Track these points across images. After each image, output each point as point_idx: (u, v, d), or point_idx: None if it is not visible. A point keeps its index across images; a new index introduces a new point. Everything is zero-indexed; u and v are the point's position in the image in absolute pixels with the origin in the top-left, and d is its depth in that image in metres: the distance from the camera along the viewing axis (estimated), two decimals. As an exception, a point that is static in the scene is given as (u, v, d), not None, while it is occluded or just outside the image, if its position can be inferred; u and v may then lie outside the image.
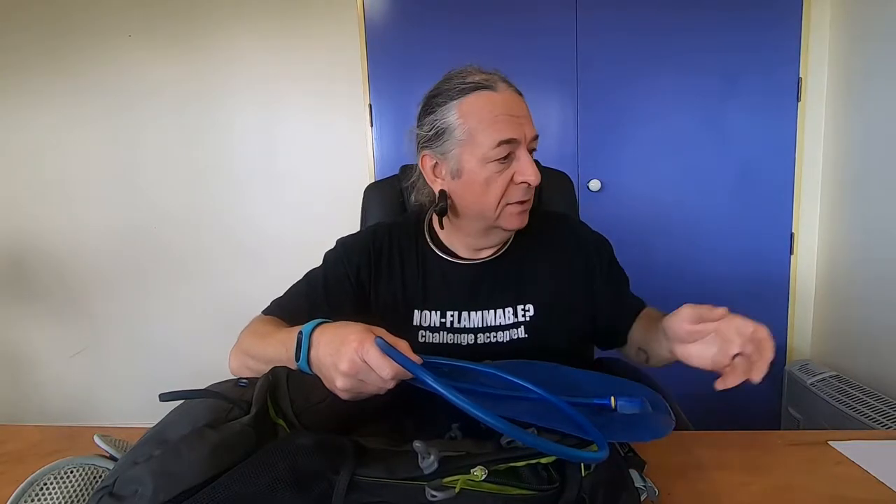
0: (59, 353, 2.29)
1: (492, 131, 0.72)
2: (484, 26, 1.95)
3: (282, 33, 2.05)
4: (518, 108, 0.74)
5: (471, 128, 0.73)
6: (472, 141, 0.73)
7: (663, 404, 0.59)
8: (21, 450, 0.74)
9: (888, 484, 0.59)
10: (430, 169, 0.80)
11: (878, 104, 1.66)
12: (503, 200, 0.75)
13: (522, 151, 0.73)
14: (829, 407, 1.58)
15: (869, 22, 1.70)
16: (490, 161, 0.73)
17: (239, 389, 0.53)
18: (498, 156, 0.72)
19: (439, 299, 0.81)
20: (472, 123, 0.73)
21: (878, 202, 1.66)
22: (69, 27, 2.09)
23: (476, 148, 0.73)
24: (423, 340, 0.80)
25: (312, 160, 2.12)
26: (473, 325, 0.80)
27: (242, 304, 2.17)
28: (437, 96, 0.77)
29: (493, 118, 0.72)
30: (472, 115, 0.73)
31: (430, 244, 0.85)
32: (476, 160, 0.73)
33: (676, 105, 1.94)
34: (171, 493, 0.41)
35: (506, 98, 0.74)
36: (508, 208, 0.76)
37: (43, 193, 2.21)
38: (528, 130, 0.73)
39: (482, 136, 0.72)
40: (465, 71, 0.77)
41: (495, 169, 0.73)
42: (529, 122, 0.74)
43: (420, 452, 0.43)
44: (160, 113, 2.12)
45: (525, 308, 0.80)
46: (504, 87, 0.75)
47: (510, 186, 0.74)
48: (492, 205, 0.75)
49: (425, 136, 0.78)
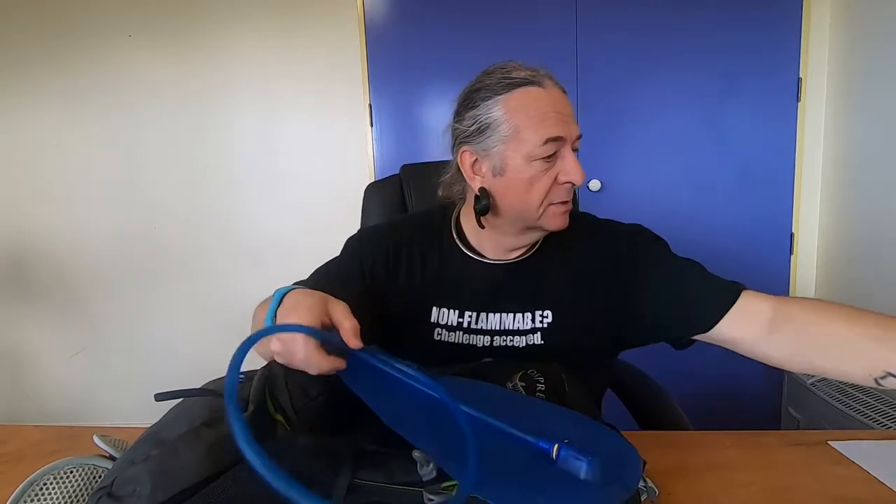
0: (59, 353, 2.29)
1: (539, 128, 0.69)
2: (484, 26, 1.95)
3: (282, 33, 2.05)
4: (564, 105, 0.72)
5: (517, 124, 0.70)
6: (518, 137, 0.70)
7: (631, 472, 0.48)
8: (21, 450, 0.73)
9: (888, 484, 0.59)
10: (469, 165, 0.77)
11: (878, 104, 1.66)
12: (546, 200, 0.72)
13: (568, 150, 0.71)
14: (829, 407, 1.58)
15: (869, 22, 1.70)
16: (535, 159, 0.70)
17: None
18: (544, 154, 0.70)
19: (459, 298, 0.79)
20: (518, 119, 0.70)
21: (878, 202, 1.66)
22: (69, 27, 2.09)
23: (521, 145, 0.70)
24: (438, 338, 0.78)
25: (312, 160, 2.12)
26: (491, 328, 0.78)
27: (242, 304, 2.17)
28: (479, 90, 0.75)
29: (541, 115, 0.70)
30: (519, 111, 0.70)
31: (456, 241, 0.82)
32: (521, 157, 0.71)
33: (676, 105, 1.94)
34: (168, 492, 0.41)
35: (553, 95, 0.72)
36: (551, 208, 0.73)
37: (43, 193, 2.21)
38: (573, 129, 0.72)
39: (529, 132, 0.70)
40: (508, 66, 0.74)
41: (540, 167, 0.71)
42: (574, 121, 0.73)
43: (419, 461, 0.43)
44: (160, 113, 2.13)
45: (543, 314, 0.78)
46: (551, 83, 0.73)
47: (554, 186, 0.72)
48: (535, 204, 0.72)
49: (465, 131, 0.75)
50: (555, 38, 1.94)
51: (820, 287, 1.96)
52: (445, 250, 0.82)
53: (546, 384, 0.62)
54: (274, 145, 2.12)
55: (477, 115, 0.74)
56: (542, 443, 0.47)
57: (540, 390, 0.61)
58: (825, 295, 1.93)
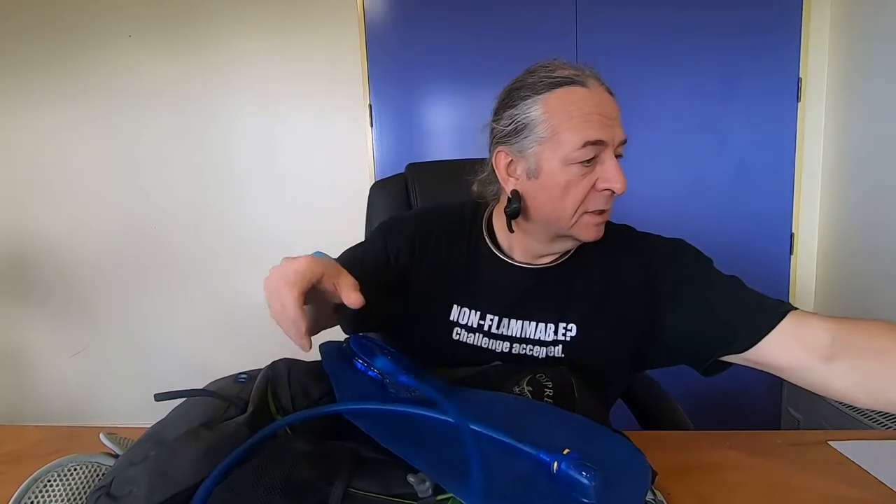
0: (59, 353, 2.29)
1: (579, 130, 0.65)
2: (484, 27, 1.94)
3: (282, 33, 2.05)
4: (609, 108, 0.68)
5: (556, 125, 0.66)
6: (556, 139, 0.66)
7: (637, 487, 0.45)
8: (21, 450, 0.73)
9: (888, 484, 0.59)
10: (503, 166, 0.73)
11: (878, 104, 1.66)
12: (581, 207, 0.68)
13: (609, 155, 0.67)
14: (829, 407, 1.58)
15: (869, 22, 1.70)
16: (573, 163, 0.66)
17: (237, 386, 0.53)
18: (582, 157, 0.66)
19: (482, 299, 0.76)
20: (557, 120, 0.66)
21: (878, 202, 1.66)
22: (69, 27, 2.09)
23: (559, 147, 0.66)
24: (457, 338, 0.76)
25: (312, 160, 2.12)
26: (512, 334, 0.75)
27: (242, 304, 2.19)
28: (519, 89, 0.71)
29: (582, 116, 0.66)
30: (559, 111, 0.66)
31: (486, 239, 0.79)
32: (558, 160, 0.67)
33: (676, 105, 1.94)
34: (165, 494, 0.41)
35: (597, 96, 0.68)
36: (586, 217, 0.69)
37: (43, 193, 2.21)
38: (617, 133, 0.67)
39: (567, 134, 0.66)
40: (553, 64, 0.70)
41: (578, 172, 0.66)
42: (619, 125, 0.68)
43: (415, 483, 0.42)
44: (160, 113, 2.13)
45: (567, 327, 0.74)
46: (595, 84, 0.69)
47: (591, 193, 0.68)
48: (569, 211, 0.68)
49: (502, 130, 0.71)
50: (555, 39, 1.93)
51: (820, 287, 1.96)
52: (473, 247, 0.79)
53: (554, 389, 0.61)
54: (274, 145, 2.12)
55: (515, 114, 0.70)
56: (543, 455, 0.45)
57: (548, 395, 0.60)
58: (825, 295, 1.93)
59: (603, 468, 0.43)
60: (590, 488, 0.42)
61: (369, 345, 0.61)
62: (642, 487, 0.45)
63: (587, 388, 0.64)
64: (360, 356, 0.57)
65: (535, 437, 0.47)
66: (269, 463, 0.43)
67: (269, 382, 0.53)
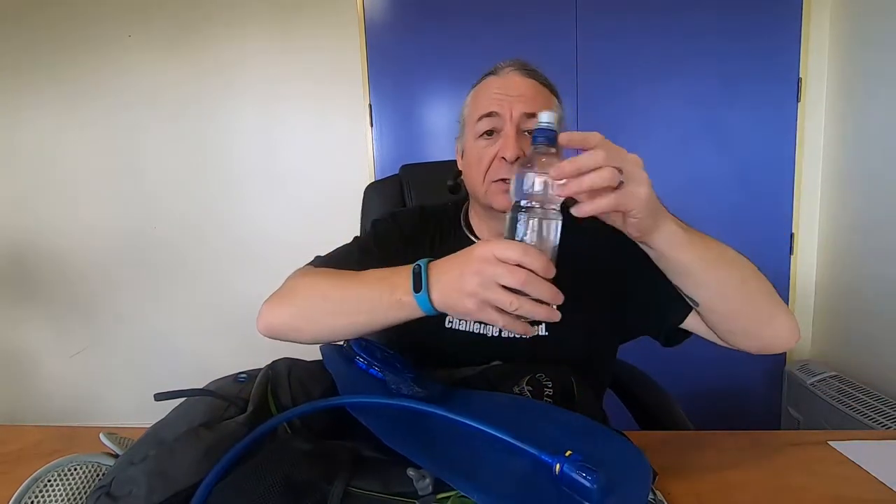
0: (59, 353, 2.29)
1: (479, 107, 0.75)
2: (484, 28, 1.94)
3: (282, 34, 2.05)
4: (514, 87, 0.74)
5: (470, 110, 0.78)
6: (469, 121, 0.78)
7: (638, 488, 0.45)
8: (21, 450, 0.73)
9: (888, 484, 0.59)
10: (459, 157, 0.85)
11: (878, 104, 1.66)
12: (488, 177, 0.75)
13: (508, 127, 0.72)
14: (829, 407, 1.58)
15: (869, 22, 1.70)
16: (478, 136, 0.75)
17: (237, 385, 0.53)
18: (481, 130, 0.75)
19: None
20: (472, 106, 0.78)
21: (879, 202, 1.66)
22: (70, 28, 2.10)
23: (470, 127, 0.77)
24: (449, 325, 0.78)
25: (312, 160, 2.12)
26: None
27: (242, 304, 2.19)
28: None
29: (484, 97, 0.75)
30: (475, 98, 0.78)
31: (465, 230, 0.85)
32: (472, 139, 0.77)
33: (676, 106, 1.94)
34: (164, 494, 0.41)
35: (506, 80, 0.76)
36: (493, 186, 0.75)
37: (44, 193, 2.21)
38: (517, 107, 0.72)
39: (472, 113, 0.77)
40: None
41: (483, 144, 0.75)
42: (525, 101, 0.73)
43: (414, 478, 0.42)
44: (161, 113, 2.13)
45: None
46: (509, 70, 0.77)
47: (494, 163, 0.74)
48: (478, 180, 0.76)
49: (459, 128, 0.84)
50: (555, 40, 1.94)
51: (820, 287, 1.96)
52: (457, 238, 0.85)
53: (555, 388, 0.61)
54: (274, 145, 2.12)
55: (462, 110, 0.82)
56: (545, 456, 0.45)
57: (548, 395, 0.60)
58: (825, 295, 1.93)
59: (604, 469, 0.43)
60: (592, 491, 0.41)
61: (370, 346, 0.61)
62: (644, 489, 0.45)
63: (587, 389, 0.64)
64: (362, 355, 0.57)
65: (537, 437, 0.47)
66: (269, 462, 0.43)
67: (269, 382, 0.53)
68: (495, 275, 0.49)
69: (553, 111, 0.55)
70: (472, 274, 0.51)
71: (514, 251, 0.49)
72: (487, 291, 0.50)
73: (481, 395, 0.60)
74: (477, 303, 0.51)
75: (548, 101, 0.76)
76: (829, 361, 1.86)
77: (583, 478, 0.42)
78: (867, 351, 1.70)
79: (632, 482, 0.45)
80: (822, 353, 1.94)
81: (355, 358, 0.58)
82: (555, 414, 0.56)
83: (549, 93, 0.78)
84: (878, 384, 1.60)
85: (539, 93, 0.76)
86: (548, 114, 0.54)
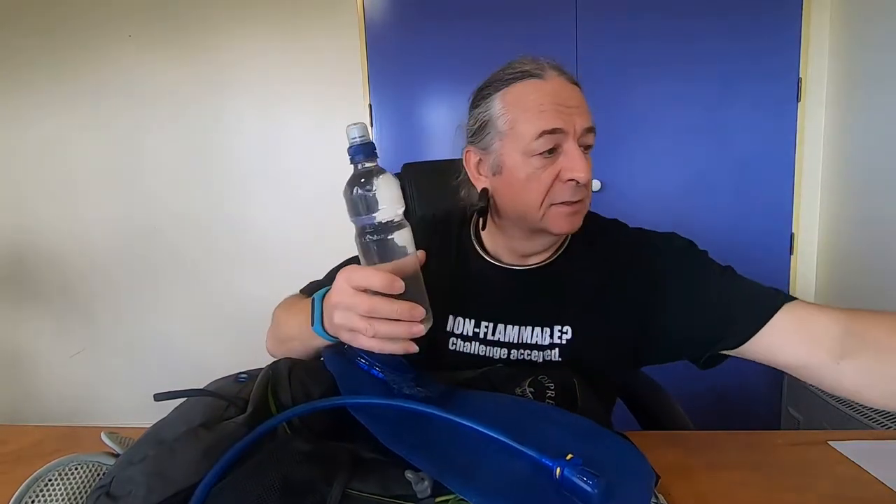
0: (59, 353, 2.29)
1: (535, 121, 0.65)
2: (484, 27, 1.94)
3: (282, 34, 2.05)
4: (569, 97, 0.66)
5: (513, 118, 0.67)
6: (514, 132, 0.67)
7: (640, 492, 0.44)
8: (21, 450, 0.73)
9: (888, 484, 0.59)
10: (473, 166, 0.74)
11: (878, 104, 1.66)
12: (547, 200, 0.67)
13: (571, 145, 0.65)
14: (829, 407, 1.58)
15: (869, 22, 1.70)
16: (533, 155, 0.65)
17: (237, 385, 0.53)
18: (541, 148, 0.65)
19: (475, 306, 0.75)
20: (514, 114, 0.67)
21: (878, 202, 1.66)
22: (70, 28, 2.10)
23: (518, 140, 0.66)
24: (453, 348, 0.75)
25: (313, 160, 2.12)
26: (508, 340, 0.73)
27: (243, 304, 2.19)
28: (484, 88, 0.72)
29: (538, 107, 0.65)
30: (516, 104, 0.67)
31: (474, 244, 0.79)
32: (518, 154, 0.67)
33: (677, 105, 1.94)
34: (163, 494, 0.41)
35: (554, 85, 0.67)
36: (554, 209, 0.67)
37: (44, 193, 2.21)
38: (578, 121, 0.65)
39: (524, 126, 0.66)
40: (518, 60, 0.70)
41: (538, 164, 0.66)
42: (582, 114, 0.66)
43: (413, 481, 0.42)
44: (161, 113, 2.13)
45: (563, 330, 0.72)
46: (554, 74, 0.68)
47: (556, 184, 0.66)
48: (534, 204, 0.67)
49: (470, 130, 0.73)
50: (555, 39, 1.94)
51: (820, 287, 1.96)
52: (463, 254, 0.79)
53: (556, 390, 0.61)
54: (274, 145, 2.12)
55: (479, 113, 0.71)
56: (546, 459, 0.44)
57: (550, 396, 0.60)
58: (825, 295, 1.93)
59: (606, 473, 0.42)
60: (593, 495, 0.41)
61: None
62: (645, 494, 0.44)
63: (589, 389, 0.63)
64: (363, 356, 0.57)
65: (538, 439, 0.47)
66: (268, 463, 0.43)
67: (269, 382, 0.53)
68: (351, 305, 0.52)
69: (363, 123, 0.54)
70: (335, 307, 0.54)
71: (359, 278, 0.52)
72: (350, 321, 0.52)
73: (483, 395, 0.60)
74: (348, 334, 0.54)
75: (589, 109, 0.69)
76: (829, 361, 1.85)
77: (583, 482, 0.41)
78: (867, 351, 1.69)
79: (633, 487, 0.44)
80: (822, 353, 1.93)
81: (357, 358, 0.58)
82: (556, 415, 0.56)
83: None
84: (878, 384, 1.60)
85: (585, 102, 0.68)
86: (359, 127, 0.53)
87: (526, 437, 0.47)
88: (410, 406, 0.51)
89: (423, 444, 0.46)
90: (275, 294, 0.88)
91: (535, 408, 0.58)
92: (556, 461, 0.43)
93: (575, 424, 0.54)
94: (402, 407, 0.51)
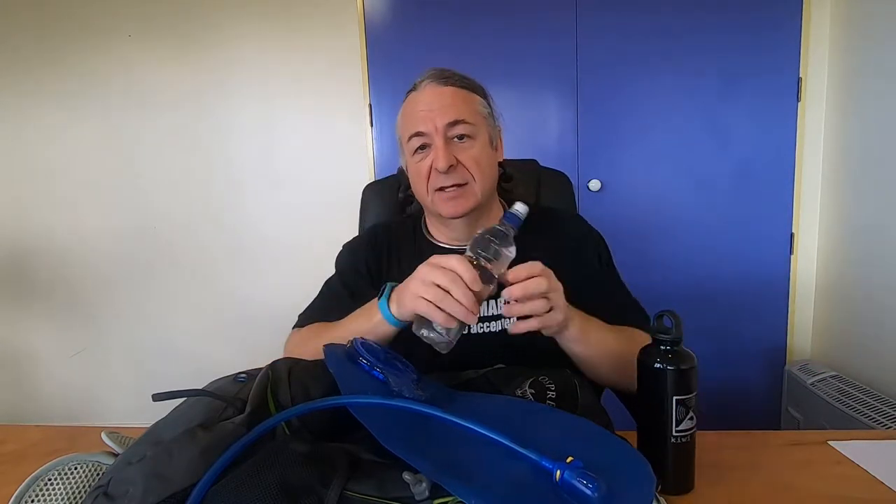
0: (59, 353, 2.29)
1: (408, 127, 0.81)
2: (484, 27, 1.94)
3: (282, 33, 2.05)
4: (433, 100, 0.79)
5: (401, 129, 0.84)
6: (402, 139, 0.83)
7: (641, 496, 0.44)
8: (21, 450, 0.74)
9: (888, 484, 0.59)
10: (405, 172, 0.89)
11: (878, 104, 1.66)
12: (430, 188, 0.80)
13: (438, 139, 0.77)
14: (829, 407, 1.58)
15: (869, 22, 1.70)
16: (412, 153, 0.80)
17: (236, 386, 0.53)
18: (413, 148, 0.80)
19: None
20: (400, 125, 0.84)
21: (878, 202, 1.66)
22: (69, 27, 2.09)
23: (404, 145, 0.83)
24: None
25: (312, 160, 2.12)
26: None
27: (242, 304, 2.19)
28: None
29: (410, 115, 0.81)
30: (402, 117, 0.84)
31: (427, 237, 0.90)
32: (408, 156, 0.82)
33: (677, 105, 1.94)
34: (161, 494, 0.41)
35: (424, 95, 0.80)
36: (437, 195, 0.80)
37: (43, 193, 2.21)
38: (439, 120, 0.77)
39: (402, 132, 0.83)
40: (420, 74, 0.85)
41: (418, 159, 0.80)
42: (444, 112, 0.78)
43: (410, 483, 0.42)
44: (160, 112, 2.13)
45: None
46: (426, 83, 0.81)
47: (432, 174, 0.79)
48: (423, 193, 0.82)
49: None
50: (555, 39, 1.93)
51: (820, 287, 1.96)
52: (419, 246, 0.90)
53: (557, 391, 0.61)
54: (274, 145, 2.12)
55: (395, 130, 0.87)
56: (546, 462, 0.44)
57: (550, 397, 0.60)
58: (825, 295, 1.93)
59: (606, 476, 0.42)
60: (593, 499, 0.41)
61: (373, 348, 0.61)
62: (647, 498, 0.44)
63: (590, 392, 0.63)
64: (365, 356, 0.57)
65: (538, 441, 0.46)
66: (266, 464, 0.43)
67: (269, 382, 0.53)
68: (433, 276, 0.61)
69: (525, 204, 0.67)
70: (417, 278, 0.63)
71: (451, 260, 0.61)
72: (423, 288, 0.61)
73: (483, 397, 0.60)
74: (414, 297, 0.62)
75: (468, 102, 0.81)
76: (829, 361, 1.85)
77: (583, 485, 0.41)
78: (867, 351, 1.70)
79: (633, 490, 0.44)
80: (822, 353, 1.94)
81: (358, 359, 0.58)
82: (557, 417, 0.56)
83: (469, 93, 0.82)
84: (878, 384, 1.60)
85: (458, 98, 0.80)
86: (521, 205, 0.67)
87: (526, 439, 0.47)
88: (411, 407, 0.51)
89: (423, 446, 0.46)
90: (274, 294, 0.88)
91: (536, 409, 0.58)
92: (556, 464, 0.43)
93: (575, 426, 0.54)
94: (402, 408, 0.51)
